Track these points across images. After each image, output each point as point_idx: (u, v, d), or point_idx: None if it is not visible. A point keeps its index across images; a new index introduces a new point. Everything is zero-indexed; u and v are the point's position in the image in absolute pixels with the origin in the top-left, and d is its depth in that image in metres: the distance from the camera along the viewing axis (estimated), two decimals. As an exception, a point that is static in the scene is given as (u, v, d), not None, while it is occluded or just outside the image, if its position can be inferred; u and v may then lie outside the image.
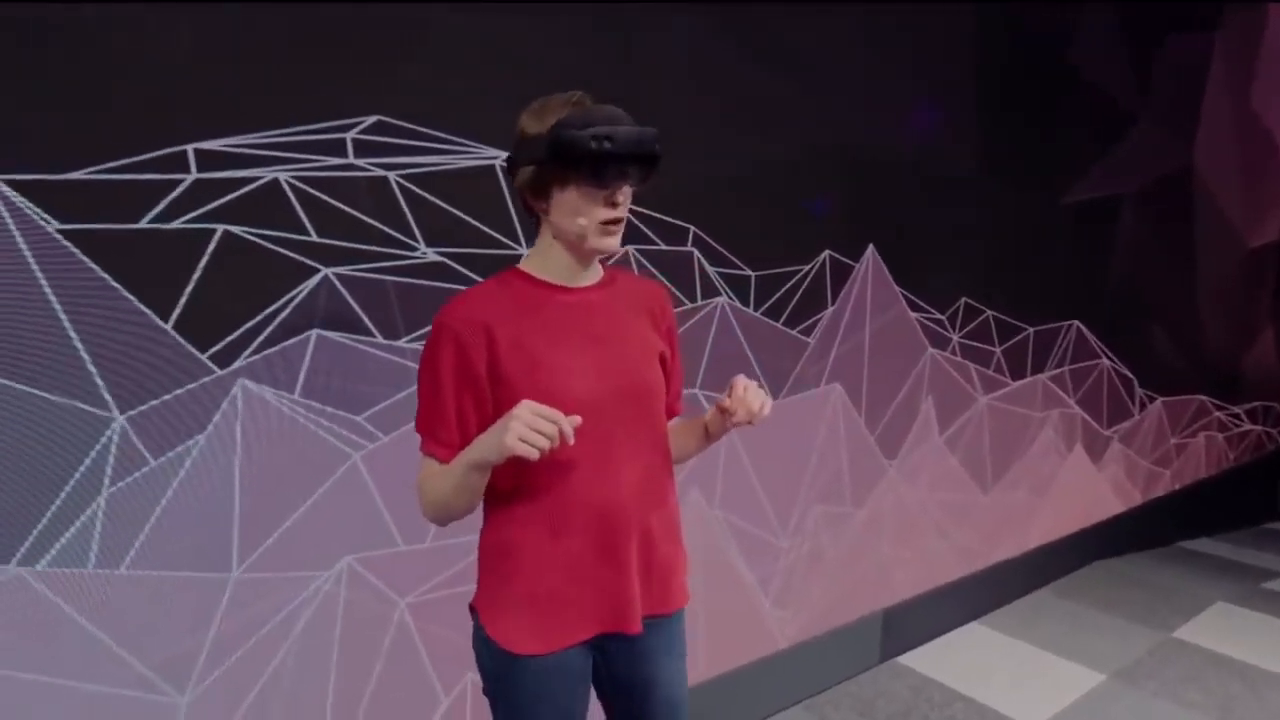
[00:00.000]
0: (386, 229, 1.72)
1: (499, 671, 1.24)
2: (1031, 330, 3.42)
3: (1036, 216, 3.36)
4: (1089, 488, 3.85)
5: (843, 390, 2.71)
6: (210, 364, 1.55)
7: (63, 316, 1.40)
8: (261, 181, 1.56)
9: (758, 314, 2.43)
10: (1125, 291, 3.86)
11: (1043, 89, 3.28)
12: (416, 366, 1.78)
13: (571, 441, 1.07)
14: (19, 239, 1.35)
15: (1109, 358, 3.84)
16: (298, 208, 1.61)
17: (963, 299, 3.09)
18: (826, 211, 2.52)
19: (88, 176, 1.40)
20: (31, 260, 1.36)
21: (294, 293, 1.62)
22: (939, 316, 3.01)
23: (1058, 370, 3.58)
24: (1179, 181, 4.04)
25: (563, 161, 1.14)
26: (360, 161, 1.67)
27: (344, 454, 1.73)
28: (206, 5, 1.47)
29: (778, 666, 2.63)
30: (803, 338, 2.57)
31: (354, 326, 1.71)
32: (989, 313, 3.21)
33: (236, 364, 1.57)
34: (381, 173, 1.70)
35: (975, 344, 3.18)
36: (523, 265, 1.27)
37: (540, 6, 1.87)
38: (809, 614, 2.72)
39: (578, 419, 1.08)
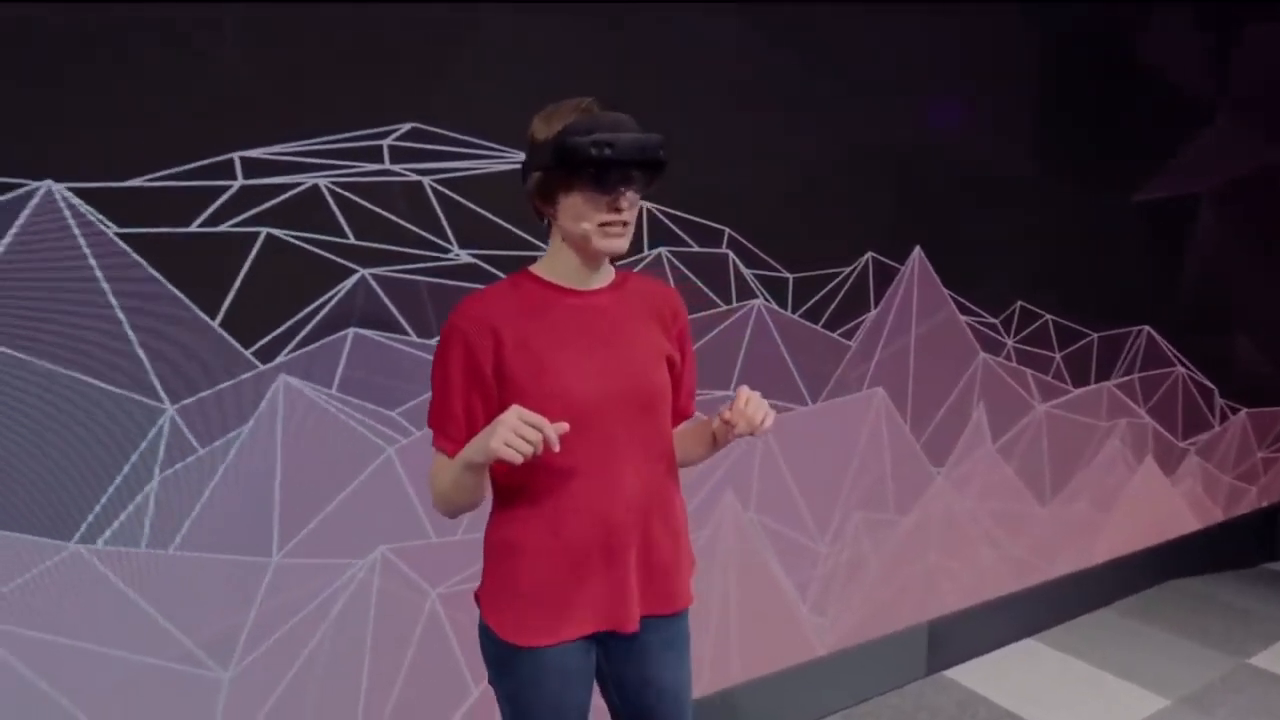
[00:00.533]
0: (421, 231, 1.79)
1: (499, 661, 1.28)
2: (1096, 335, 3.27)
3: (1102, 216, 3.21)
4: (1161, 503, 3.65)
5: (886, 395, 2.66)
6: (254, 359, 1.64)
7: (120, 313, 1.51)
8: (302, 187, 1.65)
9: (796, 316, 2.41)
10: (1204, 295, 3.64)
11: (1110, 84, 3.14)
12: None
13: (556, 449, 1.09)
14: (82, 242, 1.47)
15: (1184, 365, 3.63)
16: (336, 212, 1.69)
17: (1018, 302, 2.99)
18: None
19: (143, 184, 1.50)
20: (93, 261, 1.48)
21: (332, 292, 1.71)
22: (991, 320, 2.92)
23: (1126, 378, 3.42)
24: (1264, 179, 3.79)
25: (566, 167, 1.17)
26: (396, 167, 1.74)
27: (378, 447, 1.80)
28: (252, 23, 1.56)
29: (816, 674, 2.59)
30: (844, 341, 2.54)
31: (389, 325, 1.78)
32: (1048, 317, 3.08)
33: (278, 359, 1.67)
34: (416, 177, 1.77)
35: (1032, 349, 3.06)
36: (534, 268, 1.31)
37: (576, 8, 1.91)
38: (849, 622, 2.68)
39: (564, 426, 1.11)
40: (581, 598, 1.25)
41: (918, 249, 2.66)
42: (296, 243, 1.66)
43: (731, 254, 2.26)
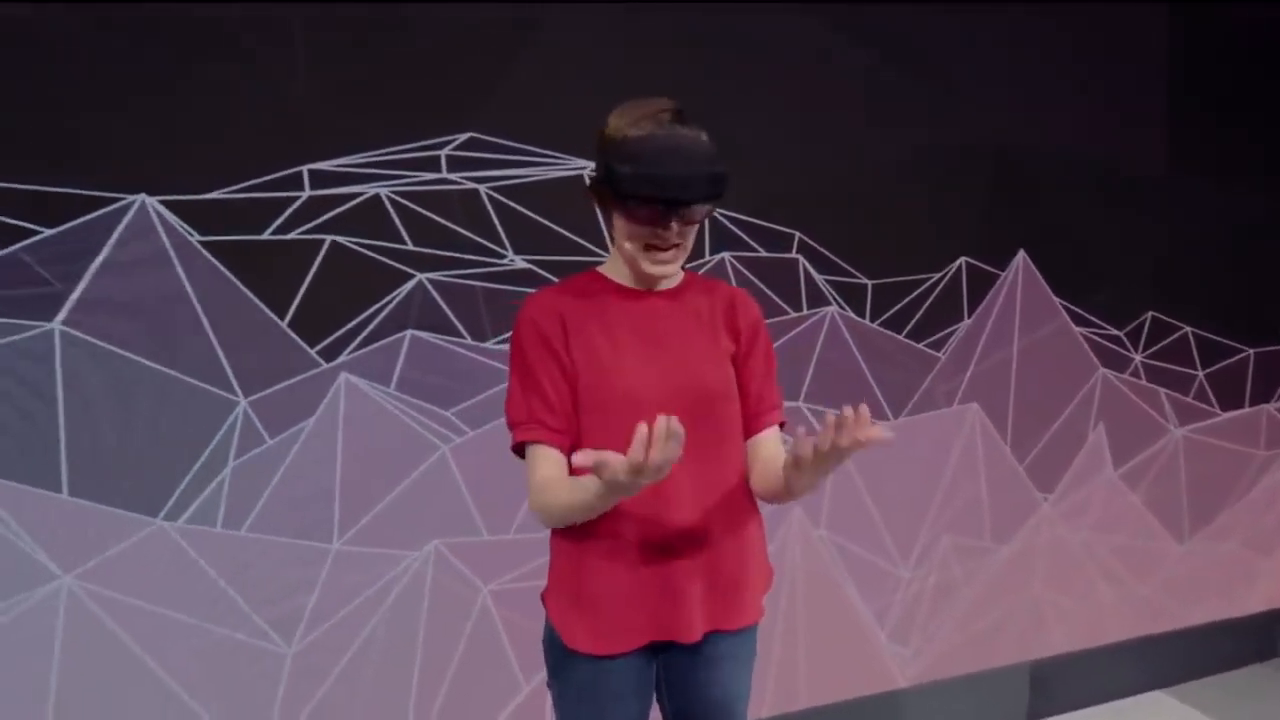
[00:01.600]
0: (477, 238, 1.84)
1: (557, 663, 1.28)
2: (1252, 352, 2.86)
3: (1255, 217, 2.81)
4: (1341, 548, 3.13)
5: (982, 411, 2.45)
6: (318, 358, 1.76)
7: (201, 313, 1.66)
8: (365, 197, 1.75)
9: (875, 325, 2.28)
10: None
11: (1261, 74, 2.74)
12: (502, 367, 1.90)
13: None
14: (169, 248, 1.63)
15: (1374, 389, 3.10)
16: (396, 220, 1.78)
17: (1149, 313, 2.67)
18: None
19: (223, 195, 1.65)
20: (178, 265, 1.64)
21: (391, 296, 1.80)
22: (1114, 333, 2.62)
23: (1293, 401, 2.96)
24: None
25: (611, 191, 1.16)
26: (454, 176, 1.81)
27: (433, 445, 1.87)
28: (319, 46, 1.68)
29: (896, 706, 2.43)
30: (931, 352, 2.37)
31: (445, 328, 1.85)
32: (1187, 329, 2.73)
33: (340, 358, 1.77)
34: (473, 185, 1.83)
35: (1167, 365, 2.72)
36: (602, 267, 1.31)
37: (636, 8, 1.91)
38: (936, 654, 2.49)
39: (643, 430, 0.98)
40: (641, 603, 1.22)
41: (1021, 253, 2.44)
42: (358, 249, 1.76)
43: (802, 259, 2.17)
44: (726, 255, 2.09)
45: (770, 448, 1.31)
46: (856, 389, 2.28)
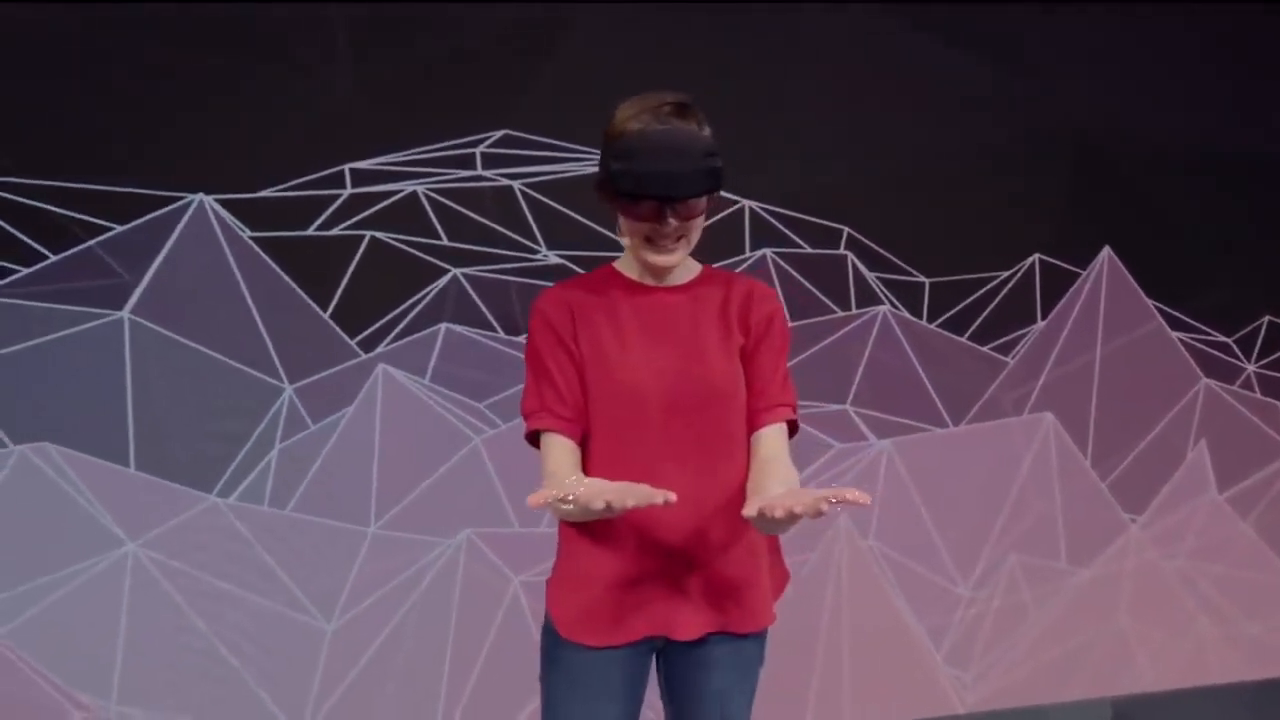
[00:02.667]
0: (510, 233, 1.88)
1: (550, 650, 1.29)
2: (1399, 364, 2.49)
3: None
4: None
5: (1057, 422, 2.26)
6: (358, 349, 1.85)
7: (251, 304, 1.78)
8: (402, 194, 1.82)
9: (933, 326, 2.15)
10: None
11: None
12: (535, 361, 1.92)
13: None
14: (224, 243, 1.76)
15: None
16: (432, 216, 1.84)
17: (1265, 318, 2.38)
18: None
19: (271, 194, 1.76)
20: (231, 260, 1.76)
21: (427, 290, 1.86)
22: (1222, 339, 2.36)
23: None
24: None
25: (608, 186, 1.17)
26: (488, 173, 1.85)
27: (466, 436, 1.92)
28: (359, 49, 1.76)
29: (952, 733, 2.28)
30: (998, 356, 2.21)
31: (479, 322, 1.90)
32: (1313, 337, 2.42)
33: (378, 350, 1.85)
34: (506, 182, 1.86)
35: (1289, 377, 2.42)
36: (617, 263, 1.32)
37: (668, 5, 1.89)
38: (1001, 681, 2.32)
39: (659, 495, 1.01)
40: (636, 597, 1.23)
41: (1107, 250, 2.23)
42: (396, 244, 1.83)
43: (851, 255, 2.08)
44: (768, 251, 2.03)
45: (769, 447, 1.25)
46: (911, 392, 2.15)
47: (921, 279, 2.13)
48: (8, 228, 1.66)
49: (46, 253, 1.69)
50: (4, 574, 1.72)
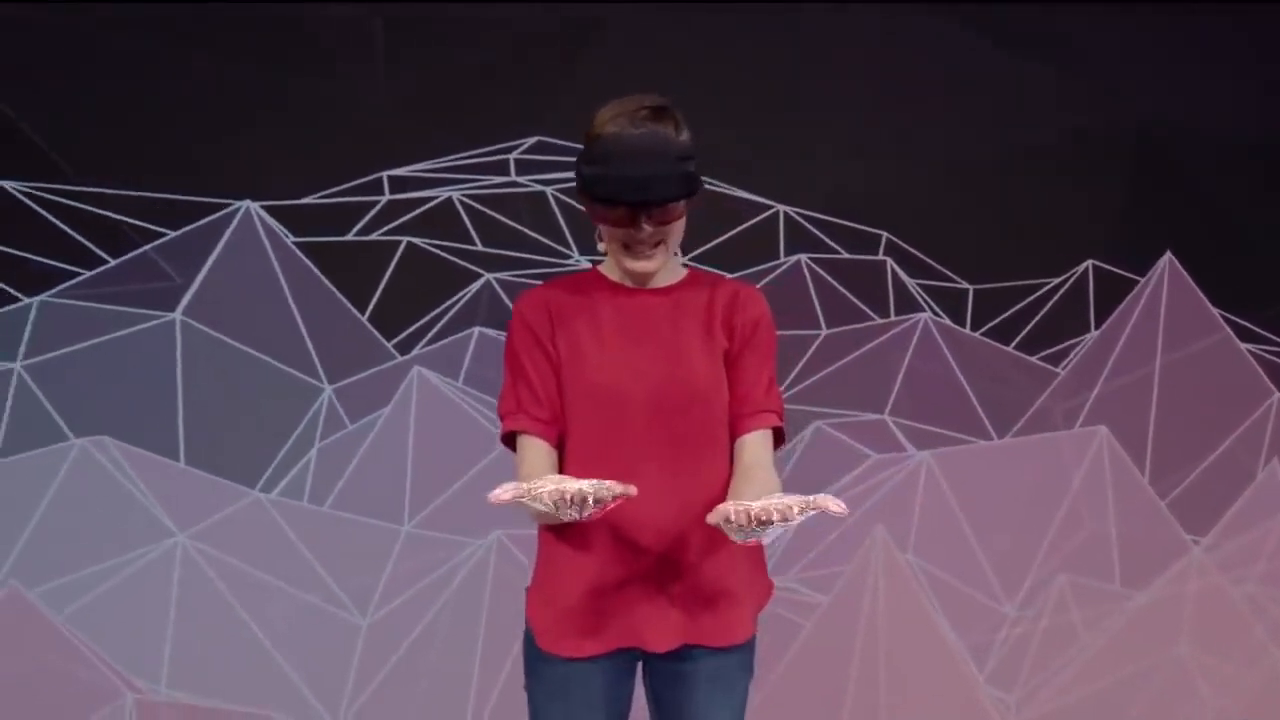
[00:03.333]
0: (542, 239, 1.90)
1: (530, 661, 1.31)
2: None
3: None
4: None
5: (1111, 436, 2.16)
6: (394, 351, 1.89)
7: (293, 307, 1.85)
8: (438, 200, 1.86)
9: (977, 335, 2.08)
10: None
11: None
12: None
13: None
14: (269, 248, 1.83)
15: None
16: (466, 221, 1.87)
17: (1349, 329, 2.22)
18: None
19: (313, 201, 1.83)
20: (276, 264, 1.83)
21: (461, 294, 1.90)
22: (1297, 351, 2.21)
23: None
24: None
25: (581, 190, 1.17)
26: (521, 179, 1.88)
27: (498, 439, 1.94)
28: (396, 61, 1.81)
29: (995, 758, 2.19)
30: (1047, 367, 2.12)
31: (512, 326, 1.92)
32: (1403, 350, 2.24)
33: (414, 352, 1.90)
34: (539, 188, 1.89)
35: (1375, 393, 2.25)
36: (601, 265, 1.32)
37: (698, 8, 1.88)
38: (1049, 705, 2.22)
39: (627, 489, 0.99)
40: (608, 606, 1.23)
41: (1168, 255, 2.12)
42: (432, 250, 1.87)
43: (890, 261, 2.02)
44: (802, 257, 1.99)
45: (752, 453, 1.23)
46: (953, 403, 2.08)
47: (965, 286, 2.06)
48: (70, 232, 1.76)
49: (106, 256, 1.78)
50: (65, 559, 1.83)
